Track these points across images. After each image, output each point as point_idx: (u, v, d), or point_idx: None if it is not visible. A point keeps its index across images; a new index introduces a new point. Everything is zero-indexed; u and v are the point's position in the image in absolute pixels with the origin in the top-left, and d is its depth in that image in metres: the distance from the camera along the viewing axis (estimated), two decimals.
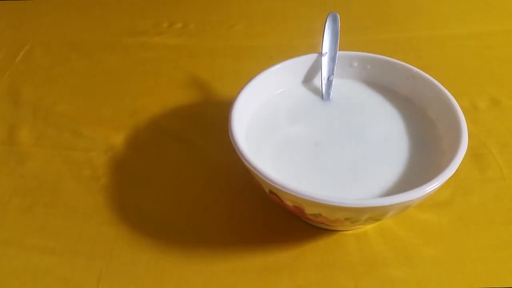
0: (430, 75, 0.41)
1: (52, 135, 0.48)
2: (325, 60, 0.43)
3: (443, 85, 0.40)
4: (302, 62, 0.43)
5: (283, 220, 0.40)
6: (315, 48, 0.44)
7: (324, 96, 0.42)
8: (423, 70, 0.41)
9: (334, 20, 0.43)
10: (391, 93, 0.43)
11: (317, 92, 0.43)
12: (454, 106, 0.38)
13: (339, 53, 0.43)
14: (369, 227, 0.39)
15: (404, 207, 0.34)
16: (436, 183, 0.32)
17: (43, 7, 0.66)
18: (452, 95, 0.39)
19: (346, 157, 0.38)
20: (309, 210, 0.34)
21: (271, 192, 0.35)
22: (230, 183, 0.43)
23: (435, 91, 0.40)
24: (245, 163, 0.35)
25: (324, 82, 0.42)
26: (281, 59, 0.42)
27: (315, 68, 0.43)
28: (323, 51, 0.42)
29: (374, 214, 0.33)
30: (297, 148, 0.39)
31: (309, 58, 0.43)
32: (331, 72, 0.42)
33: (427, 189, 0.32)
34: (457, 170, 0.33)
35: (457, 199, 0.41)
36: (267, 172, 0.33)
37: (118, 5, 0.65)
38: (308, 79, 0.44)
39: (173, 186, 0.43)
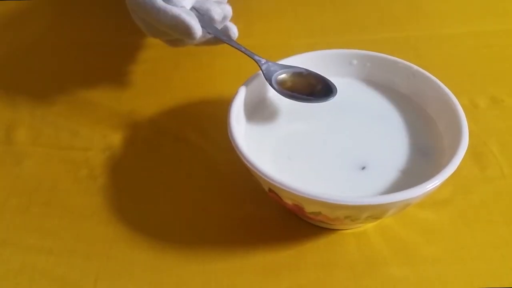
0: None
1: (49, 134, 0.48)
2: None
3: (443, 83, 0.40)
4: (301, 61, 0.43)
5: (282, 219, 0.39)
6: (314, 46, 0.44)
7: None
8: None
9: None
10: (391, 91, 0.42)
11: None
12: (454, 104, 0.38)
13: (338, 51, 0.43)
14: (369, 226, 0.39)
15: (404, 205, 0.34)
16: (436, 181, 0.32)
17: (41, 7, 0.65)
18: (452, 93, 0.39)
19: (346, 155, 0.37)
20: (308, 209, 0.34)
21: (270, 190, 0.34)
22: (229, 182, 0.42)
23: (435, 89, 0.40)
24: (244, 161, 0.34)
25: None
26: (280, 58, 0.42)
27: (313, 66, 0.43)
28: None
29: (374, 212, 0.33)
30: (296, 146, 0.38)
31: (307, 57, 0.43)
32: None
33: (427, 187, 0.32)
34: (457, 168, 0.33)
35: (457, 198, 0.41)
36: (267, 171, 0.33)
37: (116, 3, 0.65)
38: None
39: (171, 186, 0.43)
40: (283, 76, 0.40)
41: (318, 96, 0.39)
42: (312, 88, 0.40)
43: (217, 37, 0.41)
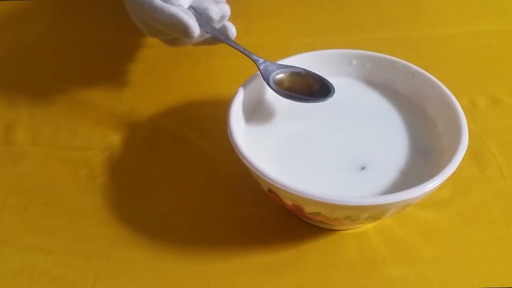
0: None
1: (48, 134, 0.47)
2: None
3: (442, 83, 0.40)
4: (300, 61, 0.43)
5: (282, 220, 0.39)
6: (313, 46, 0.44)
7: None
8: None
9: None
10: (390, 91, 0.42)
11: None
12: (454, 104, 0.38)
13: (338, 51, 0.43)
14: (368, 226, 0.39)
15: (404, 206, 0.34)
16: (436, 182, 0.32)
17: (40, 7, 0.65)
18: (452, 93, 0.39)
19: (345, 156, 0.37)
20: (308, 209, 0.34)
21: (270, 190, 0.34)
22: (229, 182, 0.42)
23: (435, 89, 0.40)
24: (244, 161, 0.34)
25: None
26: (279, 57, 0.42)
27: (313, 66, 0.43)
28: None
29: (373, 212, 0.33)
30: (295, 146, 0.38)
31: (307, 57, 0.43)
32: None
33: (427, 187, 0.32)
34: (457, 168, 0.33)
35: (457, 198, 0.41)
36: (266, 171, 0.33)
37: (116, 3, 0.65)
38: None
39: (171, 185, 0.43)
40: (281, 76, 0.40)
41: (316, 96, 0.39)
42: (310, 88, 0.40)
43: (215, 37, 0.41)
